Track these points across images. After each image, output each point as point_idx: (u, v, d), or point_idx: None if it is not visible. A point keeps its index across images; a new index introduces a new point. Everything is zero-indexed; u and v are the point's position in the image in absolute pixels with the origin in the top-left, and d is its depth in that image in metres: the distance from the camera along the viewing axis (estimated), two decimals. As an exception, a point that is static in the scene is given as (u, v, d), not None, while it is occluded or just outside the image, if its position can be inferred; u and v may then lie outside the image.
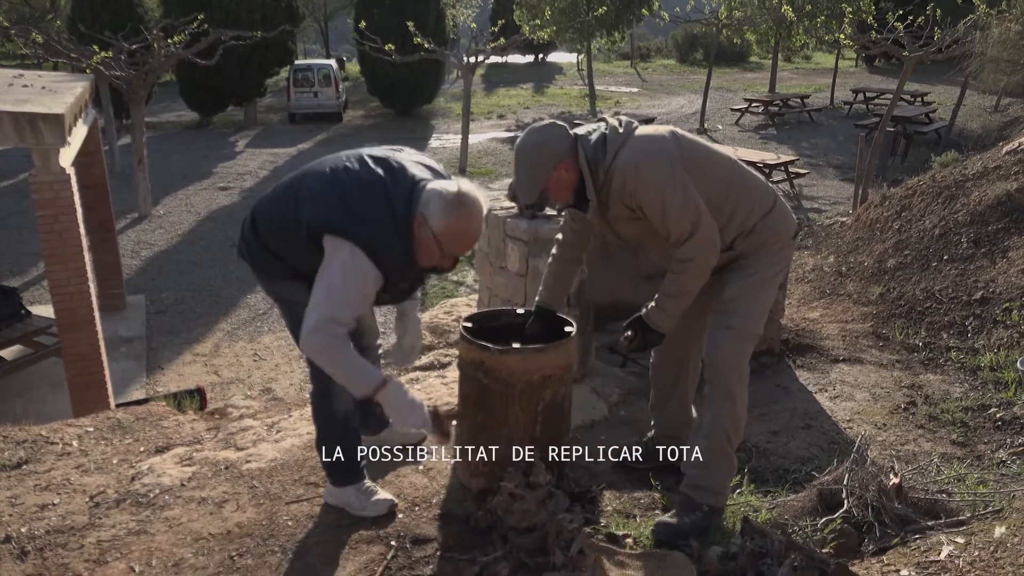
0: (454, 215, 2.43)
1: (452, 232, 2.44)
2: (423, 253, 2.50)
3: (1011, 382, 4.27)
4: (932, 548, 2.51)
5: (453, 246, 2.48)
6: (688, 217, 2.58)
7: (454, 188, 2.46)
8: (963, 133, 16.33)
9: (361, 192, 2.48)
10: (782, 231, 2.80)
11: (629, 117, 2.77)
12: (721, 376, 2.72)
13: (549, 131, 2.67)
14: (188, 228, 12.32)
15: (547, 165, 2.64)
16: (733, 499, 2.95)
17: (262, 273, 2.74)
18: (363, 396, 2.51)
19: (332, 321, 2.41)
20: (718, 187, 2.68)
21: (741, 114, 20.81)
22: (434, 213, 2.43)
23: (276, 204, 2.64)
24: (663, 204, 2.57)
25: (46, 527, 2.78)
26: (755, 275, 2.75)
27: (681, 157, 2.63)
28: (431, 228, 2.43)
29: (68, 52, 12.47)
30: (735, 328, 2.71)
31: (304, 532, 2.72)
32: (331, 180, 2.53)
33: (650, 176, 2.58)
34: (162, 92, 23.85)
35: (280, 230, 2.60)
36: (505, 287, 4.47)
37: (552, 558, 2.42)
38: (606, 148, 2.64)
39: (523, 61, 38.94)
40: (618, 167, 2.61)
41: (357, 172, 2.53)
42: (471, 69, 15.75)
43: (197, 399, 5.42)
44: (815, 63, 36.92)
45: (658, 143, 2.65)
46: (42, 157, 5.37)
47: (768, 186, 2.85)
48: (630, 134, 2.67)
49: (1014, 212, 5.78)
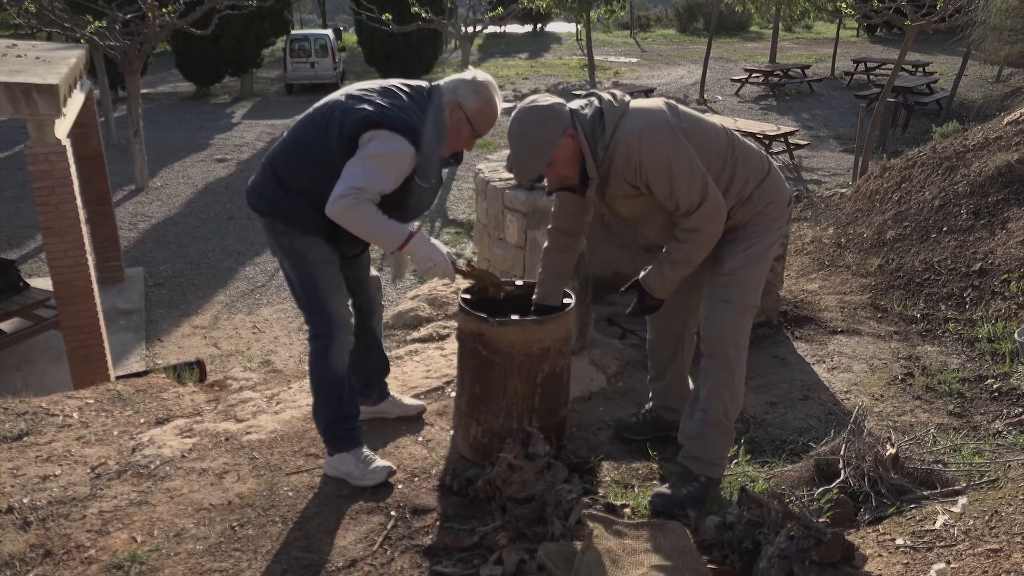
0: (484, 95, 2.66)
1: (483, 110, 2.67)
2: (452, 139, 2.69)
3: (1008, 353, 4.28)
4: (927, 517, 2.53)
5: (482, 124, 2.70)
6: (696, 185, 2.55)
7: (472, 75, 2.68)
8: (964, 104, 16.24)
9: (384, 95, 2.61)
10: (777, 199, 2.78)
11: (621, 92, 2.73)
12: (719, 349, 2.72)
13: (544, 109, 2.60)
14: (185, 200, 12.27)
15: (555, 132, 2.56)
16: (731, 469, 2.97)
17: (283, 224, 2.70)
18: (393, 248, 2.63)
19: (361, 190, 2.50)
20: (715, 156, 2.66)
21: (741, 85, 20.66)
22: (465, 96, 2.64)
23: (296, 141, 2.68)
24: (670, 174, 2.54)
25: (48, 498, 2.79)
26: (752, 247, 2.73)
27: (680, 127, 2.59)
28: (464, 110, 2.64)
29: (62, 22, 12.33)
30: (733, 301, 2.71)
31: (304, 502, 2.74)
32: (351, 95, 2.63)
33: (655, 147, 2.54)
34: (158, 63, 23.63)
35: (311, 155, 2.63)
36: (504, 258, 4.47)
37: (551, 528, 2.44)
38: (604, 122, 2.58)
39: (521, 31, 38.60)
40: (620, 140, 2.56)
41: (371, 87, 2.67)
42: (469, 39, 15.63)
43: (197, 371, 5.44)
44: (816, 33, 36.62)
45: (657, 115, 2.60)
46: (37, 128, 5.34)
47: (762, 153, 2.84)
48: (626, 107, 2.63)
49: (1014, 183, 5.77)
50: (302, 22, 40.55)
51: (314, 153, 2.62)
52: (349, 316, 2.83)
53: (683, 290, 2.93)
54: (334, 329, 2.76)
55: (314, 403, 2.87)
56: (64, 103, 5.56)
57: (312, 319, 2.79)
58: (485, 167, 5.03)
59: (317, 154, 2.61)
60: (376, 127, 2.51)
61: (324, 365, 2.79)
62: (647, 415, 3.31)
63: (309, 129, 2.66)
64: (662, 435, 3.23)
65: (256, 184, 2.75)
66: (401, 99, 2.60)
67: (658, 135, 2.55)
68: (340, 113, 2.58)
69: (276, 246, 2.78)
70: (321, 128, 2.61)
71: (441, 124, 2.63)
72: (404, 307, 5.81)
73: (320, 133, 2.61)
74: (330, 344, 2.76)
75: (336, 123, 2.57)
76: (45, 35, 15.91)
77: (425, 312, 5.66)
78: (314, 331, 2.79)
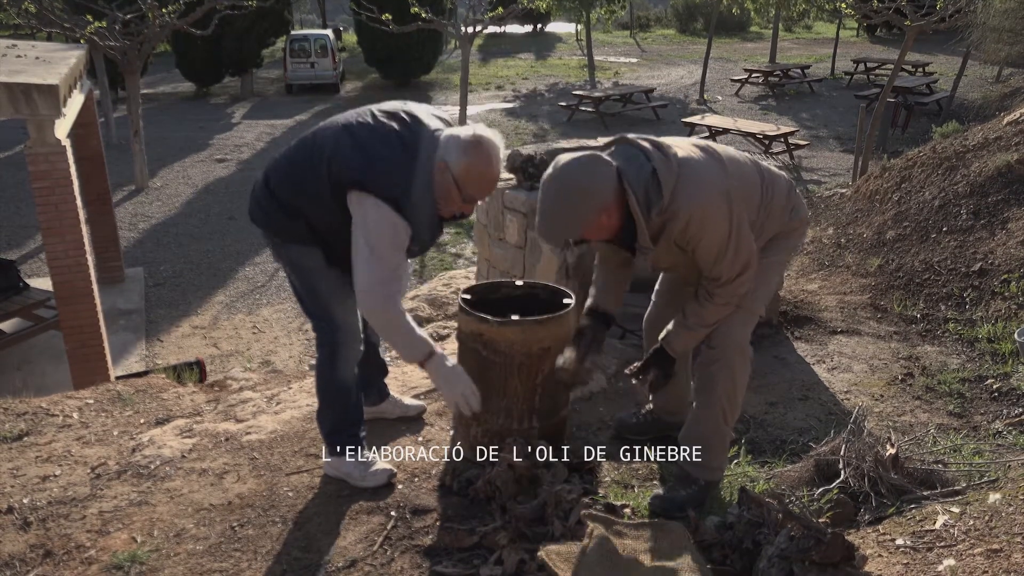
0: (473, 157, 2.44)
1: (472, 175, 2.45)
2: (444, 201, 2.51)
3: (1008, 354, 4.28)
4: (927, 518, 2.53)
5: (473, 190, 2.49)
6: (740, 261, 2.50)
7: (470, 132, 2.47)
8: (964, 104, 16.24)
9: (379, 143, 2.48)
10: (803, 218, 2.80)
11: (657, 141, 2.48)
12: (724, 353, 2.69)
13: (593, 171, 2.35)
14: (185, 200, 12.27)
15: (591, 210, 2.34)
16: (731, 469, 2.97)
17: (277, 236, 2.70)
18: (412, 362, 2.59)
19: (382, 281, 2.46)
20: (753, 206, 2.60)
21: (741, 85, 20.67)
22: (453, 157, 2.44)
23: (293, 161, 2.62)
24: (720, 249, 2.46)
25: (48, 498, 2.79)
26: (767, 258, 2.71)
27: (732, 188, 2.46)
28: (452, 173, 2.45)
29: (62, 22, 12.33)
30: (742, 307, 2.68)
31: (304, 503, 2.74)
32: (347, 132, 2.53)
33: (718, 223, 2.41)
34: (158, 63, 23.63)
35: (300, 184, 2.58)
36: (503, 259, 4.47)
37: (551, 528, 2.44)
38: (661, 188, 2.36)
39: (521, 31, 38.57)
40: (680, 210, 2.37)
41: (371, 125, 2.53)
42: (469, 39, 15.61)
43: (196, 371, 5.44)
44: (816, 33, 36.61)
45: (714, 180, 2.43)
46: (37, 128, 5.34)
47: (783, 176, 2.79)
48: (681, 168, 2.41)
49: (1014, 183, 5.76)
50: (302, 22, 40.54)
51: (305, 180, 2.56)
52: (356, 322, 2.80)
53: (680, 291, 2.94)
54: (341, 337, 2.75)
55: (319, 407, 2.85)
56: (64, 103, 5.56)
57: (318, 326, 2.78)
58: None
59: (308, 182, 2.56)
60: (362, 190, 2.44)
61: (331, 373, 2.78)
62: (647, 415, 3.31)
63: (305, 154, 2.59)
64: (662, 435, 3.23)
65: (255, 195, 2.72)
66: (395, 151, 2.47)
67: (721, 209, 2.42)
68: (331, 152, 2.50)
69: (276, 255, 2.78)
70: (314, 158, 2.54)
71: (429, 185, 2.48)
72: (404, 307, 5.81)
73: (312, 163, 2.54)
74: (337, 352, 2.74)
75: (325, 160, 2.50)
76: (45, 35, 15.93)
77: (425, 312, 5.66)
78: (321, 339, 2.77)
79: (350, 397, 2.82)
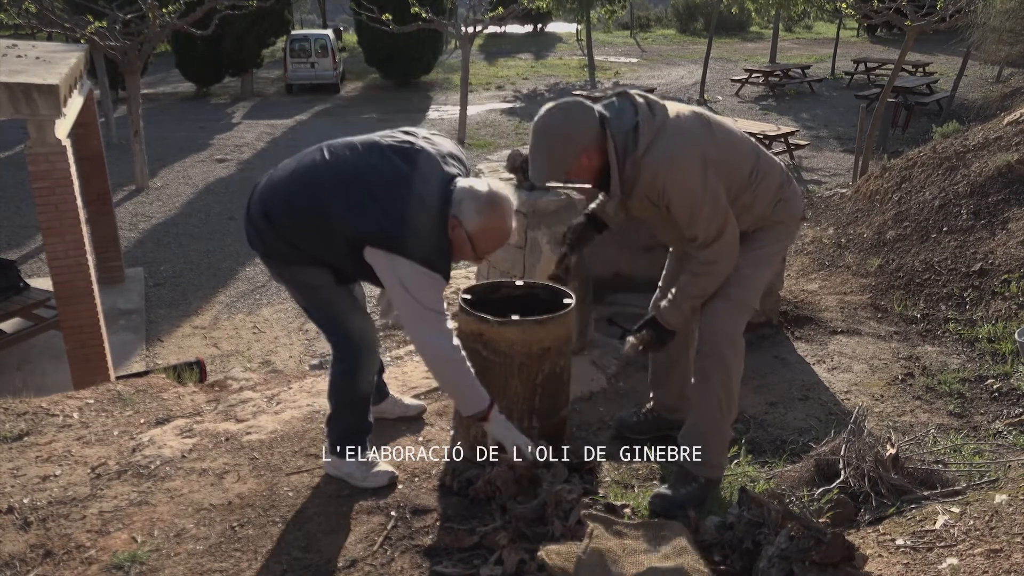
0: (488, 216, 2.44)
1: (486, 233, 2.47)
2: (456, 252, 2.52)
3: (1008, 354, 4.28)
4: (928, 518, 2.53)
5: (486, 245, 2.51)
6: (716, 221, 2.53)
7: (485, 188, 2.46)
8: (964, 104, 16.23)
9: (394, 194, 2.41)
10: (794, 214, 2.80)
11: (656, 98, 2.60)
12: (716, 347, 2.72)
13: (576, 113, 2.48)
14: (186, 200, 12.27)
15: (573, 151, 2.48)
16: (731, 469, 2.97)
17: (277, 261, 2.64)
18: (470, 415, 2.61)
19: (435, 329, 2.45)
20: (740, 180, 2.64)
21: (741, 85, 20.66)
22: (467, 214, 2.44)
23: (294, 199, 2.52)
24: (692, 208, 2.50)
25: (48, 498, 2.79)
26: (760, 249, 2.74)
27: (712, 152, 2.52)
28: (465, 229, 2.45)
29: (62, 22, 12.33)
30: (733, 298, 2.71)
31: (305, 503, 2.74)
32: (356, 181, 2.44)
33: (683, 179, 2.48)
34: (158, 63, 23.62)
35: (304, 227, 2.51)
36: (504, 259, 4.46)
37: (551, 528, 2.44)
38: (638, 139, 2.48)
39: (522, 31, 38.57)
40: (648, 164, 2.47)
41: (381, 170, 2.45)
42: (469, 39, 15.62)
43: (197, 371, 5.44)
44: (816, 33, 36.61)
45: (691, 146, 2.50)
46: (37, 129, 5.33)
47: (782, 168, 2.81)
48: (664, 124, 2.51)
49: (1014, 183, 5.76)
50: (302, 22, 40.52)
51: (312, 223, 2.49)
52: (373, 333, 2.77)
53: None
54: (359, 352, 2.71)
55: (332, 414, 2.83)
56: (64, 103, 5.56)
57: (335, 342, 2.74)
58: (485, 167, 5.03)
59: (314, 224, 2.48)
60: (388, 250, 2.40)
61: (349, 385, 2.76)
62: (648, 415, 3.32)
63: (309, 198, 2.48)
64: (663, 435, 3.23)
65: (250, 216, 2.62)
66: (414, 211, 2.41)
67: (688, 166, 2.48)
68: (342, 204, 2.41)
69: (278, 278, 2.74)
70: (316, 204, 2.46)
71: (444, 237, 2.47)
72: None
73: (317, 209, 2.45)
74: (358, 366, 2.71)
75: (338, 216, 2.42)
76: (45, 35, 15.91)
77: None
78: (340, 354, 2.74)
79: (366, 408, 2.82)
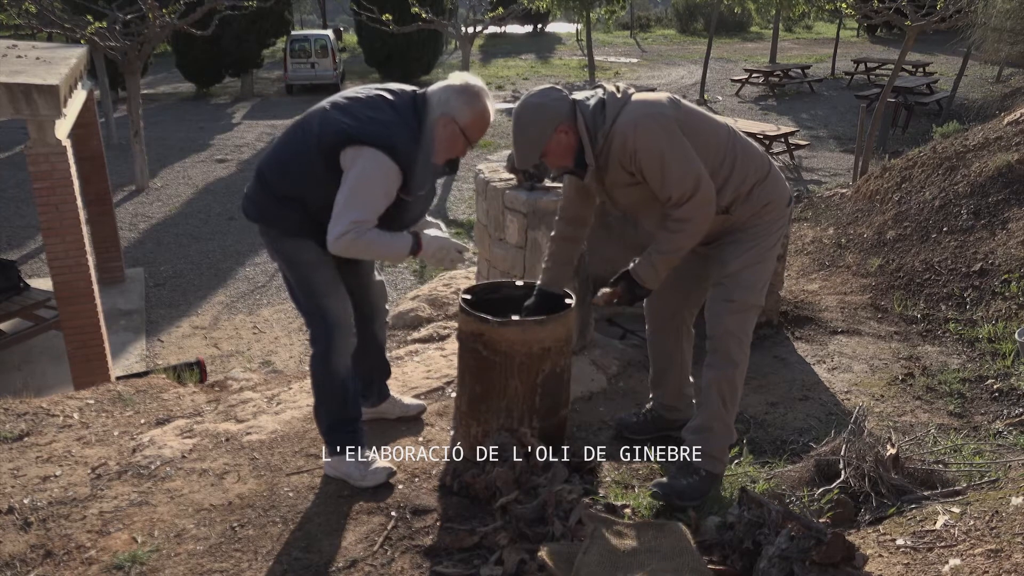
0: (477, 103, 2.61)
1: (477, 119, 2.63)
2: (444, 149, 2.64)
3: (1008, 353, 4.28)
4: (928, 518, 2.53)
5: (477, 133, 2.66)
6: (689, 178, 2.58)
7: (460, 82, 2.62)
8: (964, 104, 16.22)
9: (367, 106, 2.59)
10: (777, 199, 2.82)
11: (626, 84, 2.76)
12: (722, 344, 2.78)
13: (548, 94, 2.67)
14: (186, 200, 12.27)
15: (547, 127, 2.63)
16: (731, 469, 2.97)
17: (272, 228, 2.73)
18: (404, 258, 2.69)
19: (357, 223, 2.51)
20: (714, 151, 2.70)
21: (741, 85, 20.65)
22: (459, 109, 2.59)
23: (283, 148, 2.69)
24: (662, 165, 2.58)
25: (48, 498, 2.79)
26: (754, 248, 2.78)
27: (679, 120, 2.63)
28: (459, 124, 2.60)
29: (62, 22, 12.31)
30: (736, 301, 2.76)
31: (305, 503, 2.74)
32: (333, 106, 2.61)
33: (650, 136, 2.58)
34: (158, 63, 23.63)
35: (294, 167, 2.64)
36: (504, 259, 4.47)
37: (551, 528, 2.44)
38: (605, 112, 2.64)
39: (522, 31, 38.58)
40: (618, 129, 2.60)
41: (356, 95, 2.64)
42: (469, 39, 15.63)
43: (197, 372, 5.43)
44: (816, 33, 36.60)
45: (656, 106, 2.65)
46: (37, 129, 5.33)
47: (763, 153, 2.87)
48: (628, 99, 2.67)
49: (1014, 183, 5.77)
50: (302, 22, 40.54)
51: (298, 161, 2.63)
52: (348, 317, 2.81)
53: (678, 287, 2.99)
54: (332, 332, 2.76)
55: (315, 405, 2.86)
56: (64, 103, 5.55)
57: (311, 322, 2.80)
58: (485, 167, 5.03)
59: (300, 162, 2.62)
60: (354, 143, 2.51)
61: (325, 368, 2.79)
62: (648, 415, 3.32)
63: (294, 137, 2.67)
64: (663, 435, 3.23)
65: (248, 190, 2.78)
66: (384, 111, 2.58)
67: (653, 125, 2.59)
68: (319, 124, 2.59)
69: (272, 251, 2.80)
70: (303, 137, 2.63)
71: (429, 136, 2.61)
72: (404, 307, 5.82)
73: (302, 141, 2.62)
74: (330, 347, 2.75)
75: (315, 134, 2.58)
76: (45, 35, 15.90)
77: (425, 312, 5.66)
78: (313, 335, 2.79)
79: (346, 390, 2.82)
